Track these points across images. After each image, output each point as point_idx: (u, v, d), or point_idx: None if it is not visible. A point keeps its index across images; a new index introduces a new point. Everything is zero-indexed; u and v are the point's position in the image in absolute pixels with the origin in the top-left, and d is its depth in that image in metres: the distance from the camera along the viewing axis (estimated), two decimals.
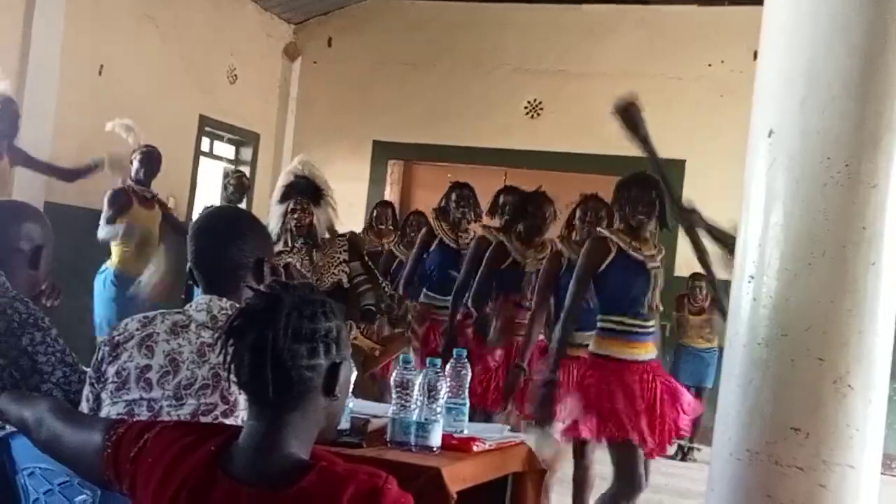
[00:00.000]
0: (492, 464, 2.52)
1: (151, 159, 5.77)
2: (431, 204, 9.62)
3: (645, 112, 3.78)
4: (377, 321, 4.42)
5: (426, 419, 2.39)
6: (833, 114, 2.36)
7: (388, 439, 2.44)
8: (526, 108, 8.95)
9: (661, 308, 3.89)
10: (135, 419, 1.90)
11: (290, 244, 4.43)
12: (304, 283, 1.60)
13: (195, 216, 8.45)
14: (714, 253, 3.77)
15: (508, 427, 2.80)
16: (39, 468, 1.91)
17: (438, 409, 2.41)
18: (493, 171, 9.61)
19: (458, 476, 2.28)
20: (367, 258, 4.65)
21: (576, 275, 3.77)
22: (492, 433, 2.64)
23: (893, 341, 2.46)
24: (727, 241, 3.46)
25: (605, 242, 3.75)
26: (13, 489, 1.97)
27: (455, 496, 2.18)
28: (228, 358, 1.55)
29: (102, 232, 5.61)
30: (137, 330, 2.07)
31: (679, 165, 8.25)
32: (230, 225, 2.15)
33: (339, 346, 1.58)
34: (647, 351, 3.74)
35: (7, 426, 1.92)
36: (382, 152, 9.40)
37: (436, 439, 2.40)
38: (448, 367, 2.57)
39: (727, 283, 2.94)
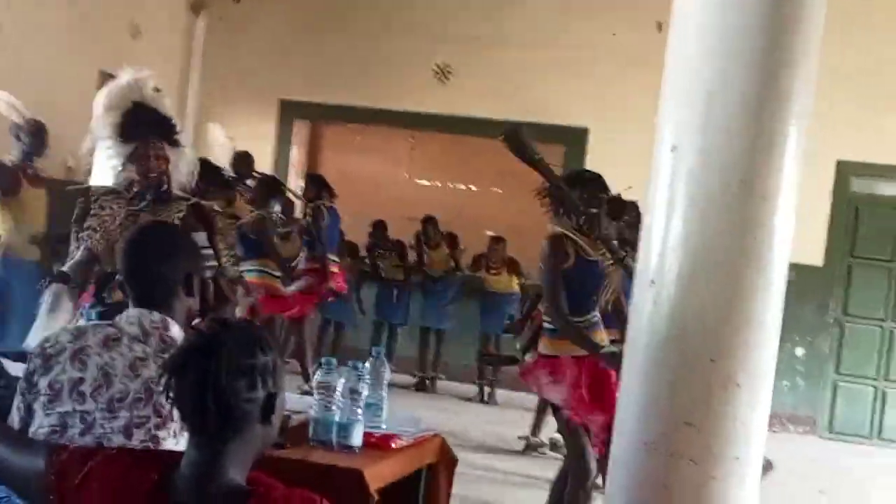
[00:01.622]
0: (409, 459, 2.66)
1: (40, 134, 5.61)
2: (340, 167, 9.69)
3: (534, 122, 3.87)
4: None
5: (348, 420, 2.51)
6: (730, 133, 2.53)
7: (310, 438, 2.56)
8: (435, 71, 9.00)
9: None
10: (72, 438, 1.97)
11: (130, 198, 3.53)
12: (242, 319, 1.69)
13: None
14: None
15: (421, 419, 2.93)
16: None
17: (360, 410, 2.53)
18: (401, 133, 9.70)
19: (379, 475, 2.41)
20: (215, 233, 3.84)
21: (546, 275, 3.83)
22: (408, 427, 2.78)
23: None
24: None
25: (564, 241, 3.82)
26: None
27: (376, 497, 2.32)
28: (171, 393, 1.63)
29: None
30: (69, 342, 2.12)
31: (582, 133, 8.48)
32: (160, 242, 2.22)
33: (275, 377, 1.68)
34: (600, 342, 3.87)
35: None
36: (289, 112, 9.34)
37: (357, 439, 2.52)
38: (368, 364, 2.69)
39: None
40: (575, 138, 8.35)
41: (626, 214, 4.81)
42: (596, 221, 3.85)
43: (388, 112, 8.99)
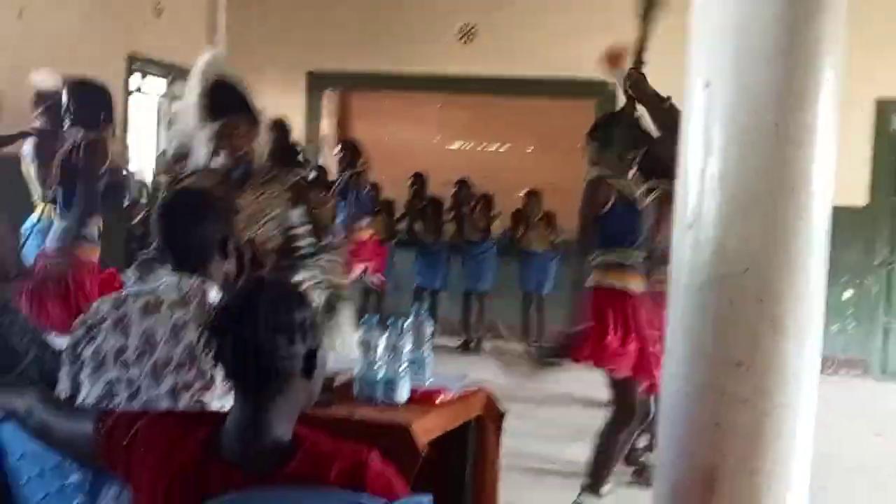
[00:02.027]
0: (455, 412, 2.66)
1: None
2: (369, 135, 9.69)
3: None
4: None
5: (392, 376, 2.51)
6: (764, 69, 2.46)
7: (355, 396, 2.56)
8: (459, 32, 8.92)
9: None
10: (119, 405, 1.98)
11: (218, 181, 3.39)
12: (278, 277, 1.69)
13: (131, 155, 8.38)
14: None
15: (466, 375, 2.92)
16: (30, 452, 1.97)
17: (402, 366, 2.53)
18: (430, 98, 9.64)
19: (426, 429, 2.41)
20: (312, 209, 3.76)
21: (581, 217, 3.95)
22: (453, 382, 2.77)
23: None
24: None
25: (605, 185, 3.90)
26: (3, 472, 2.03)
27: (425, 450, 2.31)
28: (213, 352, 1.63)
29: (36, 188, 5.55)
30: (110, 312, 2.13)
31: (611, 86, 8.35)
32: (193, 207, 2.22)
33: (314, 333, 1.68)
34: (639, 283, 3.96)
35: None
36: (317, 83, 9.32)
37: (402, 395, 2.52)
38: (409, 321, 2.68)
39: None
40: (605, 91, 8.24)
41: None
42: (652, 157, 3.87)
43: (415, 77, 8.92)
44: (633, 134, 3.90)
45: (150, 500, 1.63)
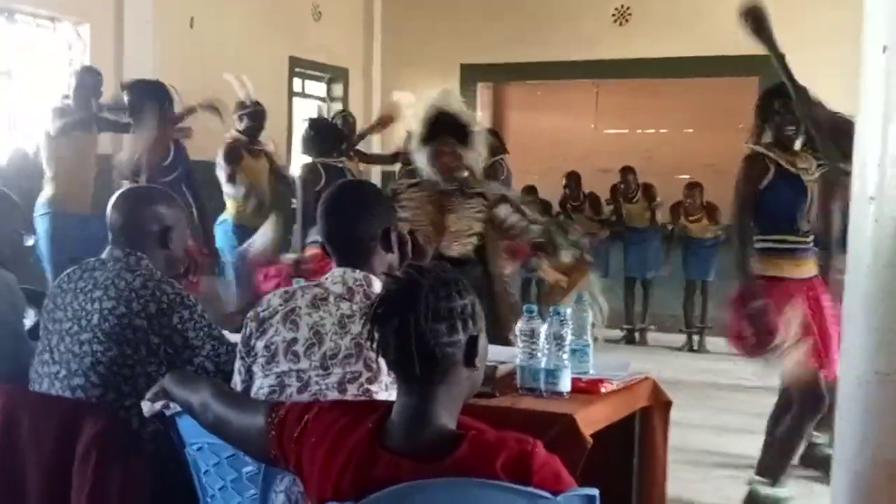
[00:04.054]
0: (620, 403, 2.60)
1: (260, 116, 6.01)
2: (525, 125, 9.63)
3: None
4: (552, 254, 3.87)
5: (555, 366, 2.48)
6: None
7: (518, 386, 2.54)
8: (613, 15, 8.75)
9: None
10: (290, 396, 2.04)
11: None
12: (436, 263, 1.68)
13: (294, 158, 8.67)
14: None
15: (630, 363, 2.85)
16: (207, 443, 2.05)
17: (565, 356, 2.49)
18: (584, 84, 9.51)
19: (591, 420, 2.36)
20: (514, 200, 3.97)
21: (737, 195, 3.77)
22: (617, 371, 2.71)
23: None
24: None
25: (762, 160, 3.73)
26: (185, 462, 2.13)
27: (590, 441, 2.27)
28: (375, 342, 1.65)
29: (228, 189, 5.99)
30: (280, 305, 2.19)
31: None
32: (355, 201, 2.25)
33: (475, 320, 1.67)
34: (811, 268, 3.76)
35: (172, 405, 2.08)
36: (471, 75, 9.36)
37: (565, 385, 2.48)
38: (569, 310, 2.64)
39: None
40: (770, 67, 7.89)
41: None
42: (817, 133, 3.65)
43: (570, 63, 8.82)
44: (797, 105, 3.69)
45: (321, 489, 1.66)
